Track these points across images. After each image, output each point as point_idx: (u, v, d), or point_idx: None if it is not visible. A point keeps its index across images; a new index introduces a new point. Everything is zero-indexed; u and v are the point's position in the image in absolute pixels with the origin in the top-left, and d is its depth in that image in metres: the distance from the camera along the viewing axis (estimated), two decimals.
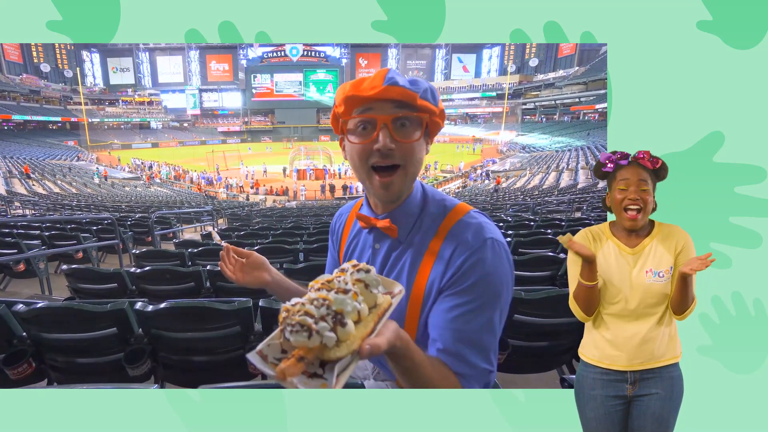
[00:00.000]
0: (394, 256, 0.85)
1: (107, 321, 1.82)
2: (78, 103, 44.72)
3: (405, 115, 0.76)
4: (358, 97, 0.76)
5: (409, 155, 0.78)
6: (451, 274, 0.76)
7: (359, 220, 0.89)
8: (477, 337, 0.74)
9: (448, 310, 0.75)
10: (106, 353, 1.88)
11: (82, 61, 48.71)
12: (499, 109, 45.96)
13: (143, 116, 49.34)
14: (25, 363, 1.78)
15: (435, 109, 0.79)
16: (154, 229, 6.46)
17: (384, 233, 0.85)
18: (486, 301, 0.75)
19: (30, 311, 1.79)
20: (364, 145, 0.77)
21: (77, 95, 45.16)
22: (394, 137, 0.76)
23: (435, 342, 0.76)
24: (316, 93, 52.79)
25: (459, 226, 0.80)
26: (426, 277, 0.79)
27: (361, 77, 0.79)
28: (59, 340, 1.84)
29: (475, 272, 0.74)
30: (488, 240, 0.77)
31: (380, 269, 0.86)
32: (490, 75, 50.92)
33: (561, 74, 45.07)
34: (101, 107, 48.27)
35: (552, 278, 2.91)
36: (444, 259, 0.78)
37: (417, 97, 0.76)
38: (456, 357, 0.74)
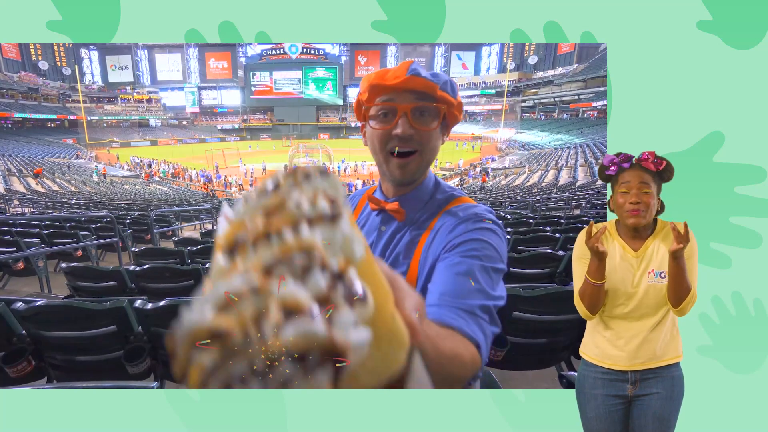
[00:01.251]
0: (398, 237, 0.88)
1: (107, 319, 1.83)
2: (76, 100, 44.58)
3: (424, 105, 0.81)
4: (382, 85, 0.81)
5: (425, 142, 0.83)
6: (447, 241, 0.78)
7: (370, 202, 0.93)
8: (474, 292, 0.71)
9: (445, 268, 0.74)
10: (106, 351, 1.88)
11: (81, 58, 48.52)
12: (498, 106, 45.95)
13: (142, 114, 49.21)
14: (24, 361, 1.78)
15: (453, 101, 0.84)
16: (154, 227, 6.46)
17: (391, 216, 0.89)
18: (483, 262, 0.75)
19: (29, 309, 1.79)
20: (385, 130, 0.82)
21: (76, 93, 45.01)
22: (413, 125, 0.81)
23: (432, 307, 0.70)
24: (315, 91, 52.69)
25: (458, 207, 0.84)
26: (421, 250, 0.83)
27: (385, 68, 0.84)
28: (59, 338, 1.85)
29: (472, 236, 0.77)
30: (484, 215, 0.80)
31: (383, 250, 0.88)
32: (489, 72, 50.88)
33: (560, 71, 45.02)
34: (100, 105, 48.14)
35: (551, 275, 2.92)
36: (439, 230, 0.81)
37: (437, 89, 0.80)
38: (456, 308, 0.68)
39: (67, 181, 21.27)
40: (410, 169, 0.84)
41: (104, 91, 49.34)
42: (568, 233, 4.04)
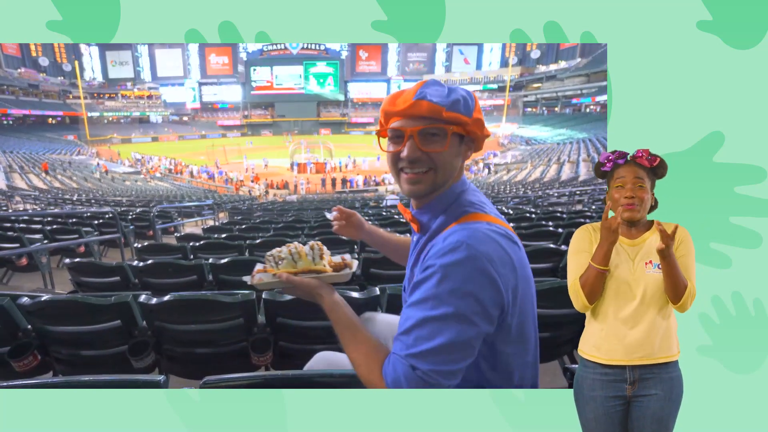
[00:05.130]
0: (416, 245, 0.95)
1: (111, 314, 1.84)
2: (77, 97, 44.48)
3: (429, 127, 0.83)
4: (392, 111, 0.86)
5: (437, 162, 0.85)
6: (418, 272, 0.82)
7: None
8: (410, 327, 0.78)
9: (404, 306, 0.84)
10: (111, 346, 1.90)
11: (81, 54, 48.31)
12: (500, 101, 45.70)
13: (143, 110, 49.11)
14: (30, 355, 1.80)
15: (465, 120, 0.85)
16: (156, 223, 6.48)
17: None
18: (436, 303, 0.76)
19: (34, 304, 1.81)
20: (394, 153, 0.87)
21: (76, 89, 44.91)
22: (420, 147, 0.84)
23: None
24: (316, 86, 52.44)
25: (452, 230, 0.82)
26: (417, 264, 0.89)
27: (399, 91, 0.87)
28: (64, 332, 1.86)
29: (435, 273, 0.77)
30: (461, 247, 0.77)
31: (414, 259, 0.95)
32: (491, 67, 50.53)
33: (563, 66, 44.73)
34: (100, 101, 48.04)
35: (553, 270, 2.92)
36: (428, 252, 0.83)
37: (442, 111, 0.82)
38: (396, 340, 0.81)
39: (69, 178, 21.30)
40: (421, 186, 0.87)
41: (105, 87, 49.23)
42: (571, 228, 4.05)
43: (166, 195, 15.93)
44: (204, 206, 10.87)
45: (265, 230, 5.58)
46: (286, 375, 1.17)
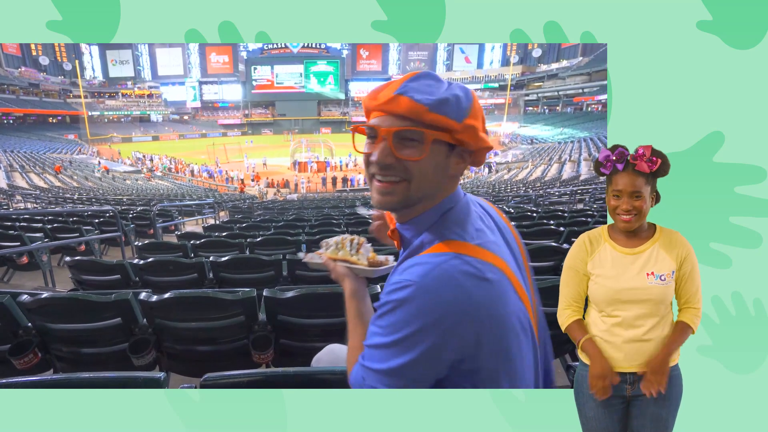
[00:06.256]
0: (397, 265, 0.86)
1: (112, 311, 1.84)
2: (77, 96, 44.49)
3: (406, 129, 0.68)
4: (370, 106, 0.72)
5: (411, 172, 0.69)
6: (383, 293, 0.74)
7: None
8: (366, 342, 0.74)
9: None
10: (111, 343, 1.90)
11: (81, 53, 48.34)
12: (501, 100, 45.64)
13: (143, 109, 49.12)
14: (30, 353, 1.80)
15: (453, 125, 0.68)
16: (156, 221, 6.49)
17: None
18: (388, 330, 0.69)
19: (35, 302, 1.81)
20: (366, 155, 0.72)
21: (76, 88, 44.91)
22: (394, 152, 0.68)
23: None
24: (316, 85, 52.46)
25: (415, 261, 0.70)
26: None
27: (389, 82, 0.72)
28: (64, 330, 1.87)
29: (385, 304, 0.70)
30: (410, 287, 0.66)
31: None
32: (492, 66, 50.47)
33: (564, 64, 44.65)
34: (101, 100, 48.06)
35: (555, 268, 2.92)
36: None
37: (425, 111, 0.66)
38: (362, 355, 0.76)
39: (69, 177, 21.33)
40: (391, 198, 0.72)
41: (105, 86, 49.24)
42: (572, 227, 4.05)
43: (167, 194, 15.94)
44: (204, 205, 10.88)
45: (266, 228, 5.58)
46: (287, 372, 1.16)
